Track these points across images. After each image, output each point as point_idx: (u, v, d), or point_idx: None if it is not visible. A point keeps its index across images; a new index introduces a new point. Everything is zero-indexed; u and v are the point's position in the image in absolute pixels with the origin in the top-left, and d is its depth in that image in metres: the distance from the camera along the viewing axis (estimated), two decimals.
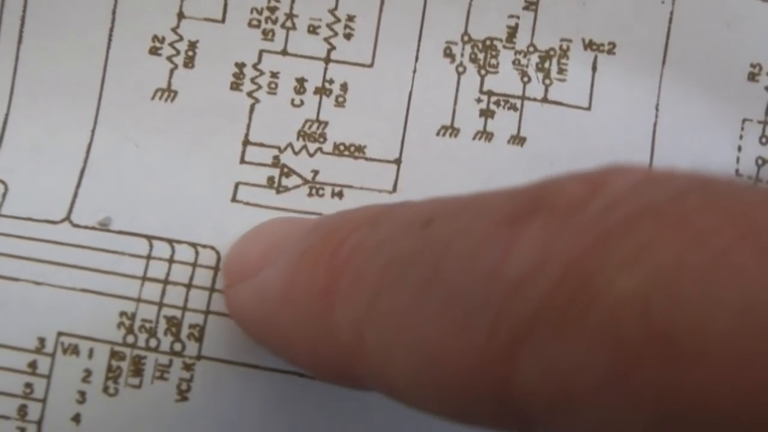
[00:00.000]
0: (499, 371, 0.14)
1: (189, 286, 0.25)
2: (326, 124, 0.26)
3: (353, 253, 0.19)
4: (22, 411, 0.24)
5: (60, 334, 0.24)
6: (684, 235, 0.13)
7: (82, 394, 0.24)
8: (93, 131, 0.25)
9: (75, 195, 0.25)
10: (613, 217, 0.14)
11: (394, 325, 0.17)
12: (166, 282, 0.25)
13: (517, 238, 0.15)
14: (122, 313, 0.25)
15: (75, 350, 0.24)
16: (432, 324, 0.16)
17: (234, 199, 0.25)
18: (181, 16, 0.26)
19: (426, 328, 0.16)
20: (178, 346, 0.25)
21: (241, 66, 0.26)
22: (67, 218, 0.25)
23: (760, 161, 0.26)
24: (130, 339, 0.25)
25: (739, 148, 0.26)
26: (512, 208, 0.16)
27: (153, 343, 0.25)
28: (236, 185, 0.25)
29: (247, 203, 0.25)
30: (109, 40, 0.26)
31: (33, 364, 0.24)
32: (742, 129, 0.26)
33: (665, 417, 0.12)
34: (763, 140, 0.26)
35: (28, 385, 0.24)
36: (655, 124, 0.26)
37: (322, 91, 0.26)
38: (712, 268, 0.12)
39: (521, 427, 0.15)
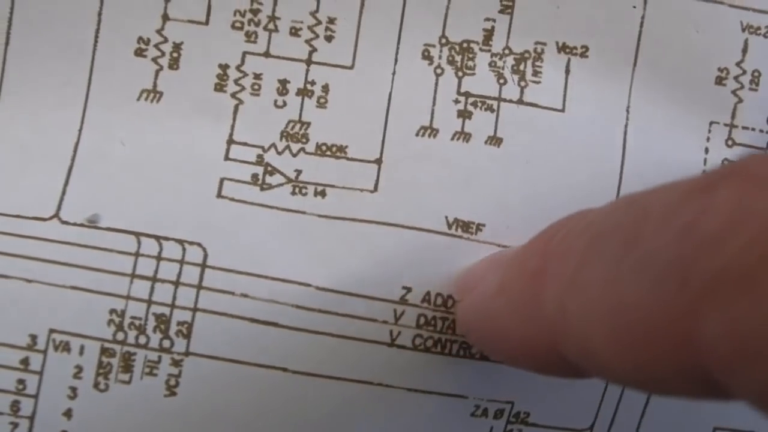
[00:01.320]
0: (686, 324, 0.15)
1: (177, 283, 0.25)
2: (308, 124, 0.26)
3: (565, 237, 0.20)
4: (15, 407, 0.25)
5: (51, 331, 0.25)
6: None
7: (74, 389, 0.25)
8: (80, 130, 0.26)
9: (63, 192, 0.26)
10: None
11: (593, 293, 0.18)
12: (154, 279, 0.25)
13: (713, 197, 0.15)
14: (112, 311, 0.25)
15: (66, 347, 0.25)
16: (628, 285, 0.16)
17: (219, 195, 0.26)
18: (165, 18, 0.26)
19: (622, 290, 0.17)
20: (166, 343, 0.25)
21: (224, 67, 0.26)
22: (56, 215, 0.25)
23: (726, 162, 0.27)
24: (120, 336, 0.25)
25: (706, 150, 0.27)
26: (707, 177, 0.16)
27: (142, 339, 0.25)
28: (221, 181, 0.26)
29: (232, 199, 0.26)
30: (95, 41, 0.26)
31: (25, 361, 0.25)
32: (709, 131, 0.27)
33: None
34: (729, 142, 0.27)
35: (21, 382, 0.25)
36: (626, 126, 0.27)
37: (304, 92, 0.26)
38: None
39: (704, 386, 0.16)
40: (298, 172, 0.26)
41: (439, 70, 0.27)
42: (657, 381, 0.17)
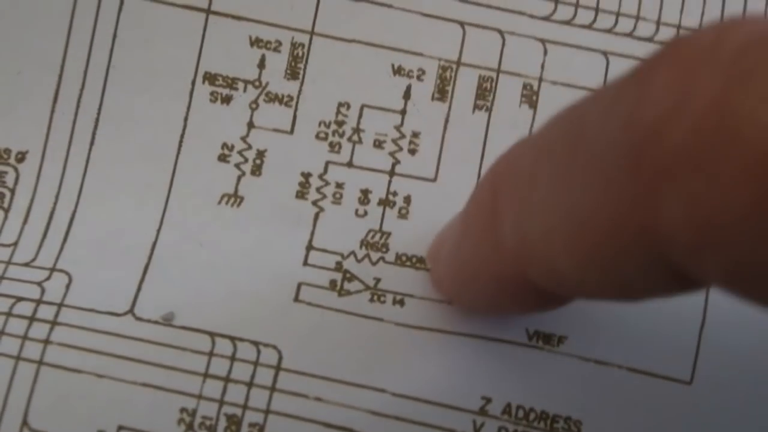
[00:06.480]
0: (644, 215, 0.14)
1: (250, 384, 0.25)
2: (389, 234, 0.26)
3: (509, 163, 0.19)
4: None
5: (120, 428, 0.24)
6: None
7: None
8: (159, 230, 0.26)
9: (139, 289, 0.25)
10: (750, 58, 0.14)
11: (546, 207, 0.17)
12: (227, 380, 0.25)
13: (650, 84, 0.15)
14: (183, 409, 0.24)
15: None
16: (579, 189, 0.16)
17: (296, 299, 0.25)
18: (251, 125, 0.26)
19: (575, 196, 0.16)
20: None
21: (307, 176, 0.26)
22: (131, 311, 0.25)
23: None
24: None
25: None
26: (637, 68, 0.16)
27: None
28: (299, 285, 0.26)
29: (309, 303, 0.25)
30: (180, 145, 0.26)
31: None
32: None
33: None
34: None
35: None
36: None
37: (385, 202, 0.26)
38: None
39: (673, 279, 0.15)
40: (377, 280, 0.26)
41: None
42: (624, 282, 0.16)
